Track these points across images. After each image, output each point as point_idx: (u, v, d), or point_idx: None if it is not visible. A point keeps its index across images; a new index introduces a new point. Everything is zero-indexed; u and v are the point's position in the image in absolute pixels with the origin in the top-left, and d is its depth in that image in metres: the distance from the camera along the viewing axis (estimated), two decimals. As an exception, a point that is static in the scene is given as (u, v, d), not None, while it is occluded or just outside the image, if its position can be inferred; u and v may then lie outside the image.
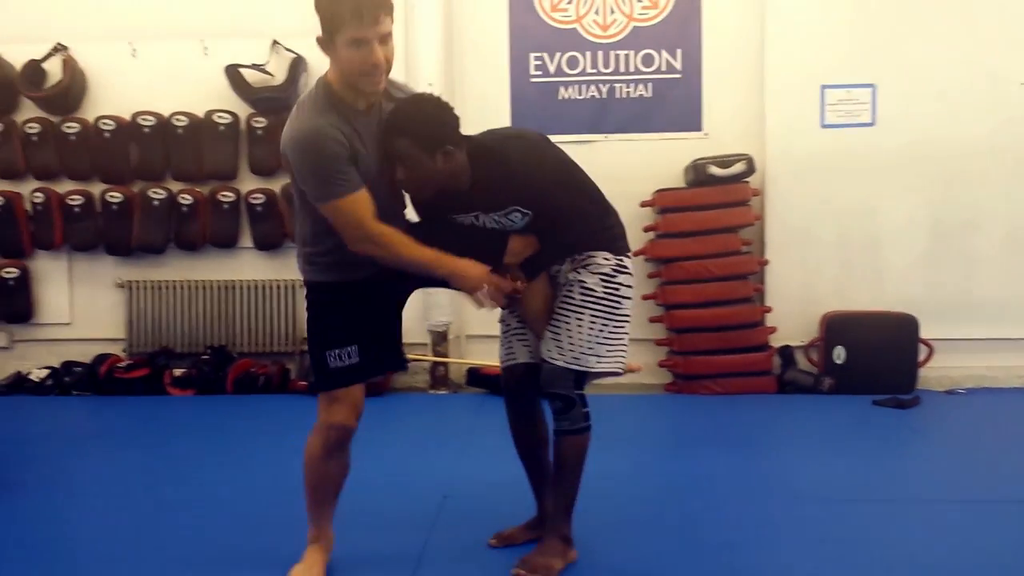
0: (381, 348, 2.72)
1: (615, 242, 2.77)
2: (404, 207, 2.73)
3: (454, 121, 2.57)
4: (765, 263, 5.87)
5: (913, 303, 5.71)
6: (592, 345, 2.67)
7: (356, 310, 2.63)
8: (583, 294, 2.68)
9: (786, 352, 5.79)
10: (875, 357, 5.53)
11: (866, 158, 5.85)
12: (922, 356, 5.63)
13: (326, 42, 2.43)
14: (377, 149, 2.52)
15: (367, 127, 2.50)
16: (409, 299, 5.99)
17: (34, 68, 6.11)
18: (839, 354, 5.60)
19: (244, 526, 3.17)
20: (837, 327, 5.67)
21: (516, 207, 2.63)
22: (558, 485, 2.81)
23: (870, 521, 3.21)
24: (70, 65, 6.07)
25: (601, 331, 2.68)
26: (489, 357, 5.80)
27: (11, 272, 6.19)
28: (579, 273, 2.70)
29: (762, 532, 3.14)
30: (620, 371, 2.79)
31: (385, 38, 2.40)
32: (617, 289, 2.72)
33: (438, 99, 2.60)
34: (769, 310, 5.80)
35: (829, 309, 5.79)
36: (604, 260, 2.71)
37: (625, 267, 2.76)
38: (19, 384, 5.99)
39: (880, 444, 4.43)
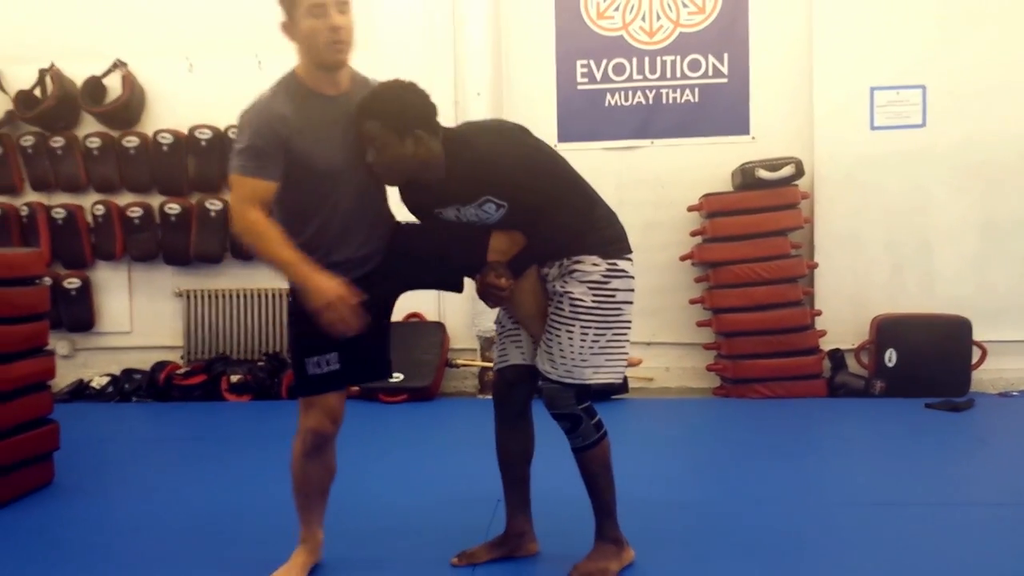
0: (363, 355, 2.67)
1: (606, 245, 2.64)
2: (383, 195, 2.69)
3: (428, 107, 2.53)
4: (814, 266, 5.83)
5: (965, 305, 5.64)
6: (586, 357, 2.59)
7: None
8: (572, 305, 2.59)
9: (836, 355, 5.74)
10: (927, 360, 5.47)
11: (916, 159, 5.80)
12: (975, 358, 5.56)
13: (288, 24, 2.49)
14: (343, 137, 2.51)
15: (332, 112, 2.51)
16: (457, 305, 6.10)
17: (95, 84, 6.31)
18: (890, 357, 5.55)
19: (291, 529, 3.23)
20: (888, 330, 5.62)
21: (488, 197, 2.57)
22: (593, 495, 2.75)
23: (924, 525, 3.19)
24: (129, 81, 6.25)
25: (596, 342, 2.59)
26: (538, 362, 5.84)
27: (73, 282, 6.39)
28: (566, 283, 2.61)
29: (814, 536, 3.13)
30: (619, 380, 2.72)
31: (343, 5, 2.46)
32: (611, 295, 2.62)
33: (413, 84, 2.55)
34: (819, 313, 5.76)
35: (880, 312, 5.74)
36: (592, 266, 2.61)
37: (620, 271, 2.64)
38: (81, 391, 6.16)
39: (933, 448, 4.38)
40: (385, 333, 2.79)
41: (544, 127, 6.10)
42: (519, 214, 2.60)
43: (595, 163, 6.07)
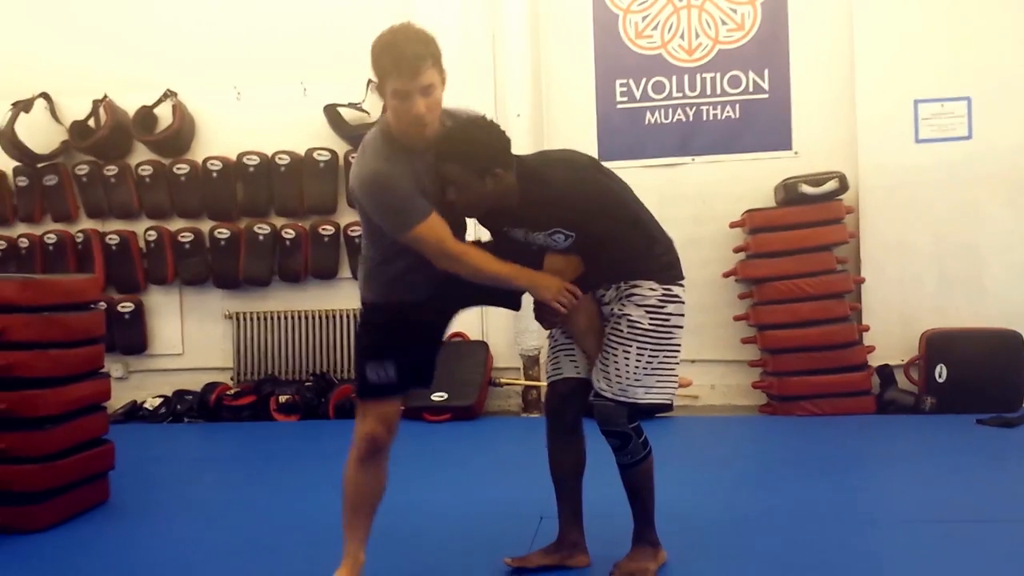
0: (415, 367, 2.81)
1: (663, 271, 2.75)
2: (464, 228, 2.81)
3: (503, 143, 2.62)
4: (861, 281, 5.78)
5: (1016, 318, 5.54)
6: (640, 377, 2.69)
7: (397, 330, 2.72)
8: (630, 326, 2.69)
9: (885, 371, 5.66)
10: (978, 375, 5.38)
11: (963, 172, 5.73)
12: (1028, 373, 5.46)
13: (379, 89, 2.57)
14: (432, 178, 2.61)
15: (422, 163, 2.59)
16: (500, 324, 6.15)
17: (146, 114, 6.51)
18: (940, 372, 5.47)
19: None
20: (938, 344, 5.54)
21: (558, 229, 2.67)
22: (635, 505, 2.87)
23: (978, 542, 3.13)
24: (179, 110, 6.43)
25: (649, 363, 2.70)
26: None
27: (127, 306, 6.56)
28: (624, 306, 2.72)
29: (857, 553, 3.09)
30: (670, 401, 2.82)
31: (427, 89, 2.48)
32: (667, 320, 2.72)
33: (488, 122, 2.65)
34: (867, 329, 5.70)
35: (929, 326, 5.66)
36: (650, 291, 2.71)
37: (674, 296, 2.75)
38: (134, 412, 6.30)
39: (986, 464, 4.29)
40: (439, 347, 2.92)
41: (584, 146, 6.05)
42: (584, 243, 2.71)
43: (636, 180, 5.97)
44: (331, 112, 6.25)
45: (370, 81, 6.20)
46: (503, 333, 6.11)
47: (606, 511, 3.03)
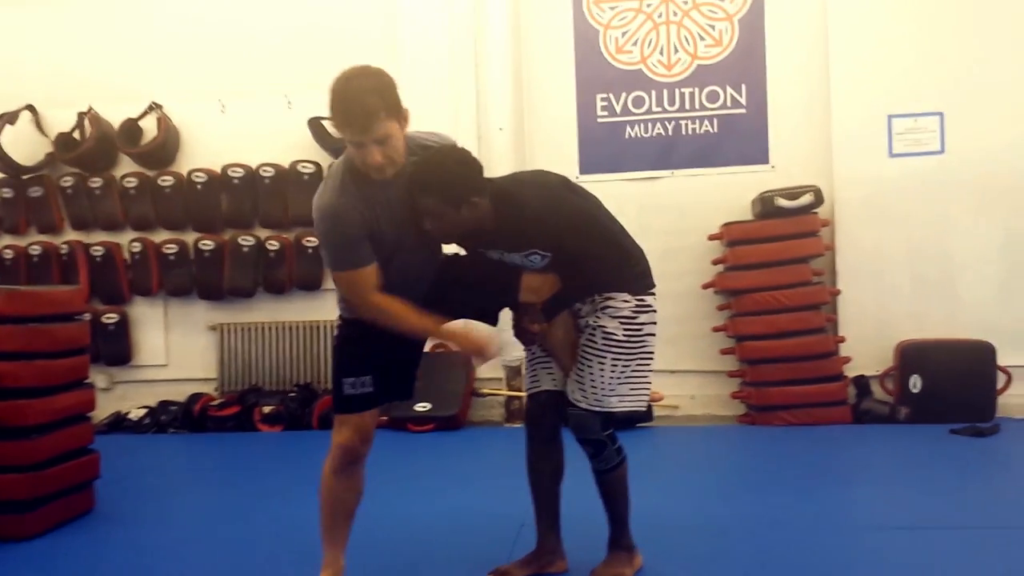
0: (393, 380, 2.86)
1: (635, 282, 2.82)
2: (440, 250, 2.88)
3: (476, 172, 2.68)
4: (837, 293, 5.88)
5: (990, 330, 5.65)
6: (614, 387, 2.77)
7: (376, 345, 2.75)
8: (604, 338, 2.76)
9: (861, 382, 5.76)
10: (952, 385, 5.48)
11: (937, 186, 5.85)
12: (1000, 383, 5.56)
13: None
14: (402, 210, 2.64)
15: (389, 195, 2.62)
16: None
17: (131, 126, 6.56)
18: (915, 383, 5.57)
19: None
20: (912, 355, 5.65)
21: (535, 250, 2.74)
22: (611, 510, 2.94)
23: (949, 549, 3.21)
24: (164, 122, 6.48)
25: (623, 372, 2.78)
26: (563, 391, 5.92)
27: (111, 318, 6.59)
28: (599, 318, 2.78)
29: (831, 558, 3.16)
30: (643, 408, 2.92)
31: (382, 140, 2.49)
32: (639, 329, 2.79)
33: (460, 151, 2.71)
34: (843, 340, 5.80)
35: (904, 337, 5.76)
36: (623, 303, 2.78)
37: (647, 306, 2.82)
38: (119, 423, 6.32)
39: (958, 473, 4.38)
40: (418, 360, 2.98)
41: (565, 160, 6.26)
42: (559, 262, 2.77)
43: (616, 194, 6.13)
44: (315, 125, 6.30)
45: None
46: (485, 344, 6.16)
47: (583, 519, 3.09)
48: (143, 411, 6.36)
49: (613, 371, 2.76)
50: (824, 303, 5.78)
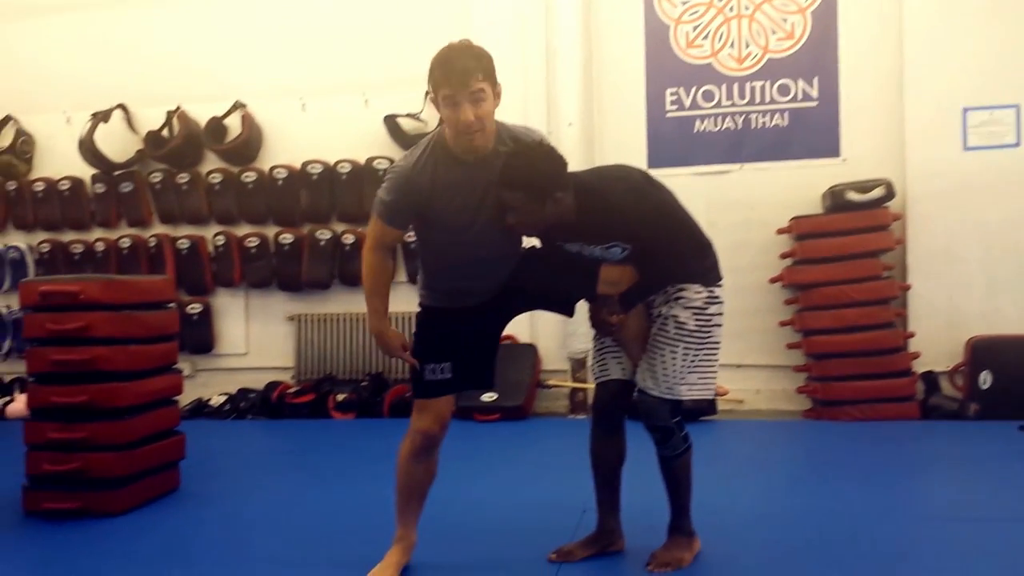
0: (472, 368, 2.97)
1: (707, 274, 2.90)
2: (520, 243, 2.96)
3: (562, 167, 2.76)
4: (907, 287, 5.83)
5: (1064, 326, 5.54)
6: (684, 375, 2.85)
7: (455, 332, 2.90)
8: (677, 328, 2.84)
9: (930, 378, 5.71)
10: (1023, 382, 5.39)
11: (1012, 180, 5.76)
12: (1075, 381, 5.45)
13: (433, 99, 2.71)
14: (483, 195, 2.75)
15: (470, 177, 2.73)
16: (549, 328, 6.30)
17: (216, 124, 6.83)
18: (985, 379, 5.50)
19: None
20: (983, 351, 5.57)
21: (616, 242, 2.82)
22: (673, 496, 3.03)
23: (1014, 539, 3.21)
24: (248, 120, 6.74)
25: (693, 361, 2.86)
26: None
27: (195, 308, 6.88)
28: (672, 307, 2.86)
29: (898, 550, 3.17)
30: (711, 395, 3.01)
31: (476, 95, 2.61)
32: (709, 320, 2.87)
33: (547, 147, 2.79)
34: (912, 335, 5.75)
35: (975, 333, 5.69)
36: (695, 294, 2.86)
37: (716, 297, 2.89)
38: (200, 409, 6.62)
39: (1026, 468, 4.35)
40: (496, 348, 3.07)
41: (634, 154, 6.32)
42: (638, 254, 2.85)
43: (684, 187, 6.08)
44: (390, 122, 6.49)
45: (427, 92, 6.40)
46: (552, 337, 6.28)
47: (643, 504, 3.19)
48: (223, 398, 6.64)
49: (684, 360, 2.85)
50: (893, 298, 5.73)
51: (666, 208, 2.86)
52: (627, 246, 2.82)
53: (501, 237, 2.84)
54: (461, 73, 2.60)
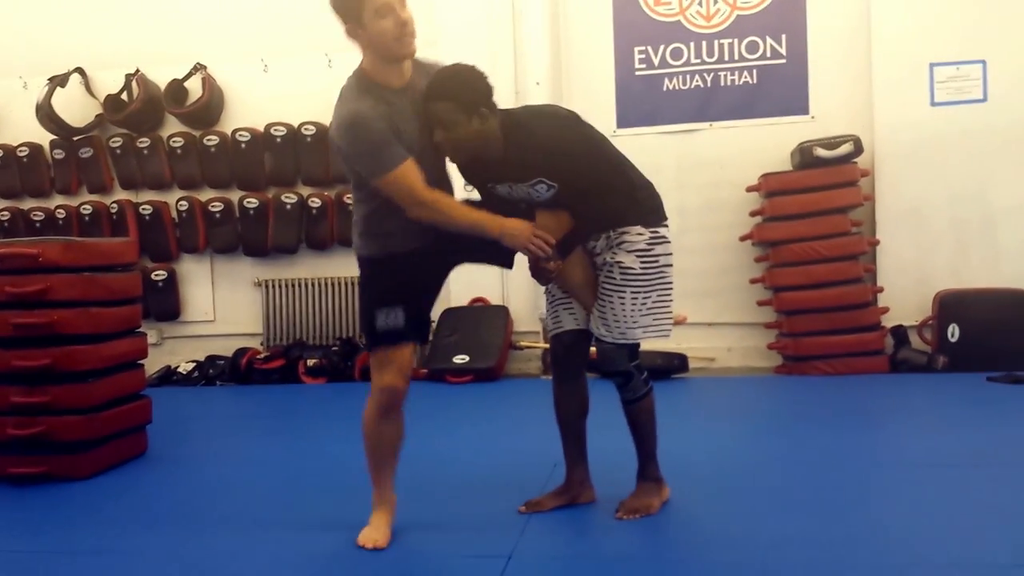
0: (418, 317, 2.88)
1: (648, 215, 2.89)
2: (446, 176, 2.86)
3: (488, 87, 2.73)
4: (876, 243, 5.86)
5: (1030, 279, 5.59)
6: (637, 319, 2.86)
7: (401, 279, 2.80)
8: (622, 273, 2.84)
9: (899, 332, 5.75)
10: (990, 335, 5.47)
11: (979, 135, 5.78)
12: (1040, 332, 5.52)
13: (353, 29, 2.62)
14: (415, 122, 2.68)
15: (403, 104, 2.67)
16: (520, 289, 6.28)
17: (177, 87, 6.69)
18: (953, 332, 5.56)
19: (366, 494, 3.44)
20: (951, 305, 5.63)
21: (541, 178, 2.77)
22: (639, 442, 3.04)
23: (979, 483, 3.24)
24: (209, 83, 6.61)
25: (644, 303, 2.86)
26: (600, 342, 5.99)
27: (160, 275, 6.78)
28: (616, 253, 2.85)
29: (864, 494, 3.21)
30: (667, 336, 2.96)
31: (403, 1, 2.61)
32: (656, 260, 2.87)
33: (473, 66, 2.75)
34: (881, 290, 5.79)
35: (943, 287, 5.74)
36: (638, 235, 2.85)
37: (661, 237, 2.89)
38: (168, 377, 6.54)
39: (993, 416, 4.38)
40: (433, 301, 2.99)
41: (603, 113, 6.28)
42: (567, 195, 2.81)
43: (654, 146, 6.24)
44: (355, 83, 6.38)
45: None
46: (523, 298, 6.26)
47: (615, 459, 3.18)
48: (192, 365, 6.56)
49: (634, 304, 2.85)
50: (862, 253, 5.76)
51: (593, 144, 2.85)
52: (552, 184, 2.78)
53: (435, 164, 2.77)
54: None
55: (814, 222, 5.70)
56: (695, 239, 6.16)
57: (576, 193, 2.80)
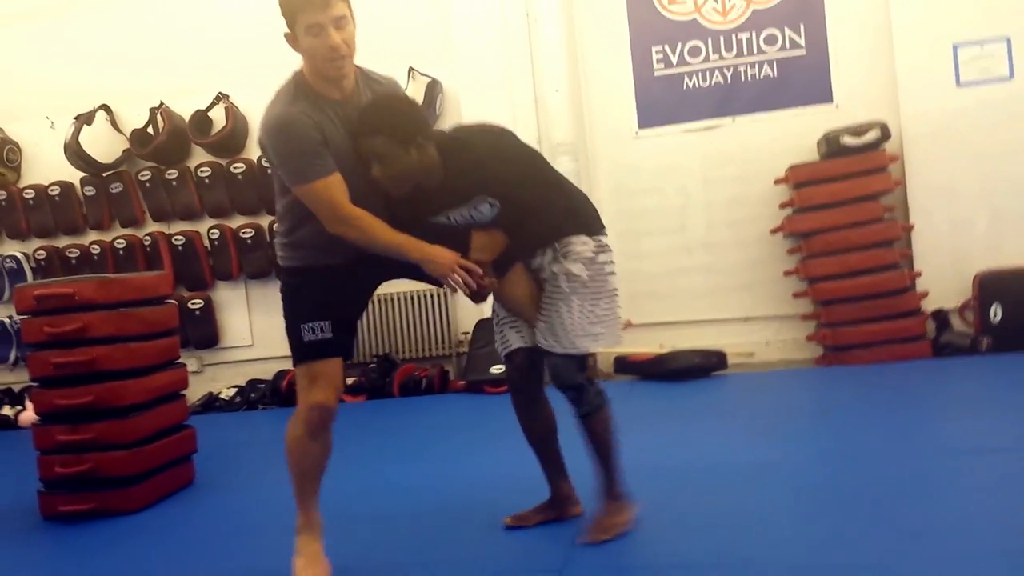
0: (347, 331, 2.76)
1: (589, 224, 2.85)
2: (380, 203, 2.70)
3: (421, 114, 2.68)
4: (910, 228, 5.78)
5: (1069, 254, 5.49)
6: (585, 327, 2.77)
7: (327, 291, 2.68)
8: (569, 281, 2.77)
9: (940, 315, 5.66)
10: (1034, 312, 5.36)
11: (1007, 111, 5.69)
12: (1084, 307, 5.41)
13: (291, 36, 2.55)
14: (349, 139, 2.58)
15: (342, 116, 2.58)
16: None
17: (201, 117, 6.76)
18: (995, 312, 5.46)
19: (420, 512, 3.44)
20: (991, 285, 5.53)
21: (484, 197, 2.71)
22: (599, 457, 2.88)
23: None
24: (232, 111, 6.66)
25: (591, 311, 2.79)
26: (634, 344, 5.98)
27: (197, 303, 6.85)
28: (562, 263, 2.78)
29: (919, 486, 3.15)
30: (618, 342, 2.91)
31: (340, 22, 2.49)
32: (602, 268, 2.82)
33: (402, 94, 2.72)
34: (919, 274, 5.70)
35: (981, 267, 5.65)
36: (583, 245, 2.80)
37: (604, 245, 2.86)
38: (211, 403, 6.59)
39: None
40: (361, 315, 2.91)
41: (624, 115, 6.28)
42: (508, 209, 2.73)
43: (678, 145, 6.23)
44: (375, 101, 6.41)
45: (411, 69, 6.36)
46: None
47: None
48: (233, 390, 6.61)
49: (581, 312, 2.78)
50: (897, 239, 5.69)
51: (530, 156, 2.82)
52: (495, 201, 2.72)
53: (367, 192, 2.63)
54: None
55: (846, 211, 5.63)
56: (724, 234, 6.14)
57: (517, 207, 2.73)
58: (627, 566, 2.73)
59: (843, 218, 5.63)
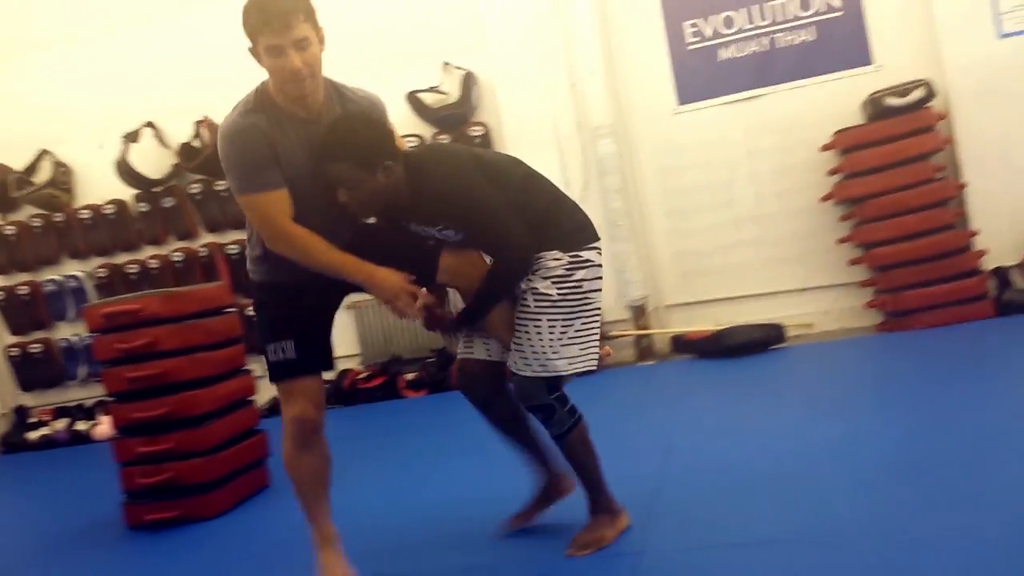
0: (314, 346, 2.71)
1: (565, 239, 2.67)
2: (350, 223, 2.67)
3: (386, 136, 2.58)
4: (963, 186, 5.67)
5: None
6: (557, 349, 2.61)
7: (292, 306, 2.64)
8: (537, 300, 2.62)
9: (1000, 273, 5.55)
10: (1098, 263, 5.25)
11: (1054, 60, 5.55)
12: None
13: (254, 51, 2.48)
14: (309, 157, 2.51)
15: (306, 134, 2.51)
16: (605, 281, 6.24)
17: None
18: (1057, 265, 5.35)
19: (491, 505, 3.43)
20: (1052, 238, 5.42)
21: (446, 225, 2.64)
22: (580, 474, 2.81)
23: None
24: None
25: (564, 332, 2.62)
26: (691, 323, 5.97)
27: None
28: (531, 280, 2.64)
29: (994, 452, 3.09)
30: (595, 367, 2.72)
31: (301, 43, 2.41)
32: (578, 286, 2.64)
33: (367, 117, 2.59)
34: (976, 233, 5.60)
35: (1039, 221, 5.53)
36: (554, 261, 2.63)
37: (583, 261, 2.66)
38: (277, 406, 6.65)
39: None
40: (331, 326, 2.83)
41: (662, 92, 6.25)
42: (475, 238, 2.67)
43: (719, 118, 6.19)
44: (413, 99, 6.46)
45: (446, 63, 6.38)
46: (607, 288, 6.20)
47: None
48: (297, 393, 6.69)
49: (551, 332, 2.61)
50: (951, 198, 5.59)
51: (478, 191, 2.61)
52: (459, 230, 2.64)
53: (331, 210, 2.57)
54: (281, 16, 2.39)
55: (896, 173, 5.54)
56: (774, 205, 6.08)
57: (477, 240, 2.66)
58: (711, 544, 2.71)
59: (895, 181, 5.54)
